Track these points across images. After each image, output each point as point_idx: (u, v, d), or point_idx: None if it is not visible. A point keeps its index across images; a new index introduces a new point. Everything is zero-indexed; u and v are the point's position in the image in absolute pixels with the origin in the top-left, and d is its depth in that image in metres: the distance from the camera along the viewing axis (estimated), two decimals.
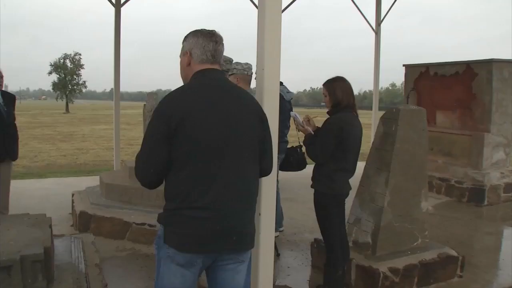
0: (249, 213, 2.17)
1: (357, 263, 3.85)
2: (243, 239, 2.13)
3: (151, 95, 6.15)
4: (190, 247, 2.02)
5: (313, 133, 3.54)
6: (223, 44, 2.22)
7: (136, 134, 21.30)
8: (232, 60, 4.20)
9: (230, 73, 4.23)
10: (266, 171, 2.33)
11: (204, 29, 2.21)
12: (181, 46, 2.26)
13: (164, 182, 2.11)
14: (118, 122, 8.92)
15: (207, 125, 2.00)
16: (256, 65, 2.84)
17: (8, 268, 2.55)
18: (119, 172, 6.45)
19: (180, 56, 2.24)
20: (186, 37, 2.22)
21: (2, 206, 5.07)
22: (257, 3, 2.87)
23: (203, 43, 2.15)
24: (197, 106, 2.01)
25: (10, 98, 5.12)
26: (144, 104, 6.15)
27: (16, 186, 5.35)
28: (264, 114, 2.24)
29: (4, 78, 5.08)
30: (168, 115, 1.97)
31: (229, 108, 2.07)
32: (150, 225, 4.93)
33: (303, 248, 4.94)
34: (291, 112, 3.95)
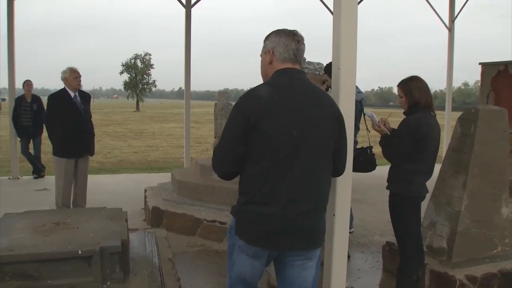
0: (320, 212, 2.22)
1: (431, 269, 3.71)
2: (312, 237, 2.19)
3: (222, 94, 6.24)
4: (258, 241, 2.13)
5: (389, 133, 3.49)
6: (304, 44, 2.27)
7: (204, 133, 21.78)
8: (305, 59, 4.15)
9: None
10: (339, 171, 2.37)
11: (286, 29, 2.27)
12: (262, 45, 2.33)
13: (240, 175, 2.21)
14: (188, 121, 9.18)
15: (283, 124, 2.06)
16: (332, 65, 2.80)
17: (88, 259, 2.66)
18: (191, 169, 6.62)
19: (262, 55, 2.32)
20: (268, 36, 2.29)
21: (80, 199, 5.37)
22: (325, 2, 2.85)
23: (286, 42, 2.21)
24: (275, 105, 2.08)
25: (86, 97, 5.43)
26: (216, 103, 6.26)
27: (91, 180, 5.63)
28: (341, 115, 2.27)
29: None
30: (247, 112, 2.06)
31: (306, 108, 2.12)
32: (220, 223, 5.00)
33: (373, 251, 4.85)
34: (367, 112, 3.90)
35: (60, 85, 5.35)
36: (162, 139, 19.45)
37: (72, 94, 5.23)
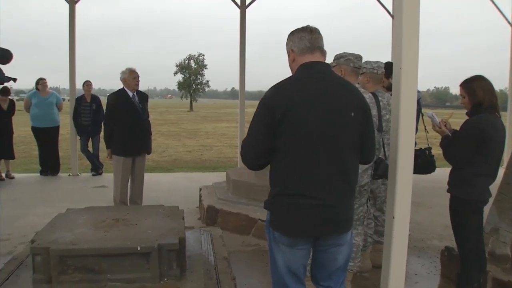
0: (350, 199, 2.32)
1: (494, 277, 3.54)
2: (341, 225, 2.29)
3: None
4: (291, 231, 2.24)
5: (450, 134, 3.40)
6: (319, 33, 2.35)
7: None
8: (362, 57, 4.06)
9: (361, 71, 4.10)
10: (366, 162, 2.46)
11: (298, 28, 2.39)
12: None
13: (269, 169, 2.33)
14: (243, 121, 9.24)
15: (309, 116, 2.15)
16: (393, 64, 2.76)
17: (146, 255, 2.72)
18: (245, 169, 6.61)
19: (288, 58, 2.44)
20: (286, 41, 2.42)
21: (137, 196, 5.51)
22: (382, 1, 2.84)
23: (299, 35, 2.33)
24: (300, 98, 2.17)
25: (144, 97, 5.57)
26: None
27: (147, 178, 5.78)
28: (367, 106, 2.34)
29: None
30: (273, 107, 2.16)
31: (332, 99, 2.21)
32: None
33: (431, 256, 4.71)
34: (427, 112, 3.80)
35: (117, 85, 5.54)
36: (215, 138, 19.69)
37: (130, 94, 5.38)
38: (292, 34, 2.38)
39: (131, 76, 5.36)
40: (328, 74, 2.32)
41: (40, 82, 8.75)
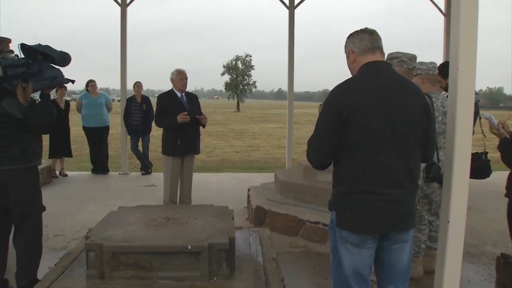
0: (414, 195, 2.38)
1: None
2: (407, 219, 2.34)
3: (327, 95, 6.18)
4: (361, 228, 2.28)
5: (509, 137, 3.30)
6: (378, 34, 2.41)
7: (304, 134, 21.69)
8: (416, 57, 3.96)
9: (414, 73, 3.99)
10: (427, 159, 2.54)
11: (357, 30, 2.46)
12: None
13: (333, 167, 2.41)
14: (291, 121, 9.23)
15: (376, 115, 2.21)
16: (450, 64, 2.70)
17: (197, 254, 2.75)
18: (294, 170, 6.64)
19: (347, 60, 2.50)
20: (345, 44, 2.49)
21: (185, 196, 5.59)
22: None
23: (359, 36, 2.39)
24: (366, 96, 2.23)
25: (193, 98, 5.65)
26: (320, 104, 6.20)
27: (195, 178, 5.84)
28: (428, 105, 2.38)
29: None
30: (339, 106, 2.23)
31: (397, 97, 2.27)
32: (324, 224, 4.94)
33: (485, 262, 4.55)
34: (485, 114, 3.66)
35: (165, 86, 5.65)
36: (262, 139, 19.76)
37: (179, 94, 5.47)
38: (352, 36, 2.44)
39: (178, 77, 5.45)
40: (391, 73, 2.39)
41: (90, 84, 9.02)
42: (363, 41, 2.38)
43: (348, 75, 2.52)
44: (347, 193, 2.31)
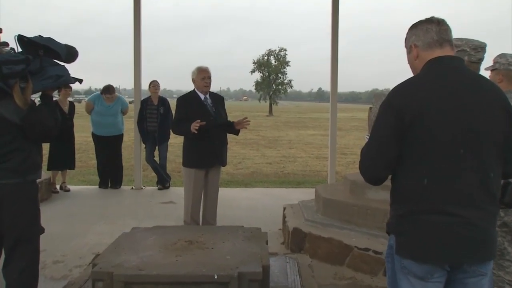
0: (494, 220, 2.29)
1: None
2: (487, 247, 2.24)
3: (379, 96, 6.07)
4: (428, 256, 2.20)
5: None
6: (447, 24, 2.36)
7: (349, 142, 21.58)
8: (486, 46, 3.79)
9: (491, 68, 3.86)
10: (509, 174, 2.40)
11: (421, 20, 2.42)
12: (403, 43, 2.50)
13: (391, 183, 2.35)
14: (334, 127, 9.19)
15: (446, 119, 2.16)
16: None
17: (224, 285, 2.72)
18: (338, 185, 6.58)
19: (408, 58, 2.47)
20: (405, 36, 2.46)
21: (210, 215, 5.60)
22: None
23: (424, 27, 2.36)
24: (433, 98, 2.18)
25: (218, 100, 5.66)
26: (370, 107, 6.16)
27: (222, 194, 5.84)
28: (509, 104, 2.30)
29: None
30: (400, 109, 2.19)
31: (471, 99, 2.20)
32: (375, 252, 4.87)
33: None
34: None
35: (185, 87, 5.67)
36: (300, 148, 19.71)
37: (202, 96, 5.48)
38: (415, 26, 2.40)
39: (199, 76, 5.46)
40: (464, 70, 2.33)
41: (108, 94, 9.18)
42: (429, 33, 2.34)
43: (405, 73, 2.48)
44: (410, 214, 2.24)
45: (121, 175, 9.40)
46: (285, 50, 71.64)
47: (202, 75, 5.47)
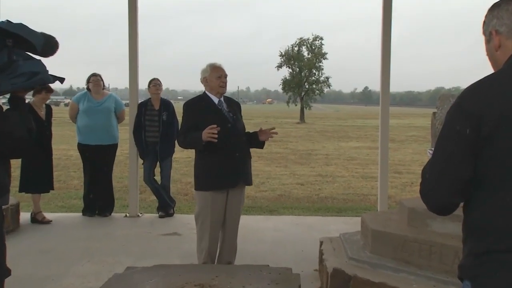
0: None
1: None
2: None
3: (446, 98, 6.00)
4: None
5: None
6: None
7: (405, 157, 21.48)
8: None
9: None
10: None
11: None
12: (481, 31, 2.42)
13: (463, 212, 2.29)
14: (386, 138, 9.08)
15: None
16: None
17: None
18: (392, 214, 6.51)
19: (485, 46, 2.39)
20: (484, 20, 2.38)
21: (228, 250, 5.63)
22: None
23: (509, 8, 2.26)
24: None
25: (235, 104, 5.67)
26: (434, 112, 6.08)
27: (241, 223, 5.82)
28: None
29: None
30: (476, 116, 2.11)
31: None
32: None
33: None
34: None
35: (193, 86, 5.69)
36: (340, 165, 19.68)
37: (215, 100, 5.49)
38: (497, 6, 2.31)
39: (214, 74, 5.47)
40: None
41: (92, 80, 9.14)
42: None
43: (481, 69, 2.42)
44: (490, 253, 2.16)
45: (112, 199, 9.40)
46: (321, 38, 71.64)
47: (217, 73, 5.49)
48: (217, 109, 5.47)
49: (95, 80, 9.17)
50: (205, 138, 5.07)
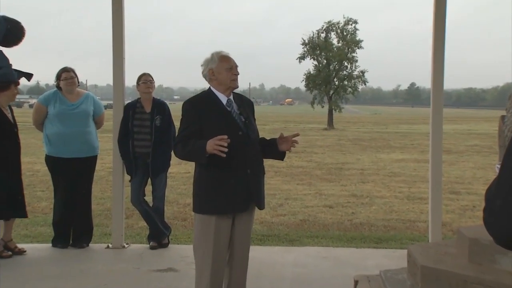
0: None
1: None
2: None
3: None
4: None
5: None
6: None
7: (465, 173, 21.44)
8: None
9: None
10: None
11: None
12: None
13: None
14: (439, 149, 9.03)
15: None
16: None
17: None
18: (448, 246, 6.46)
19: None
20: None
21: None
22: None
23: None
24: None
25: (246, 104, 5.63)
26: (502, 116, 6.04)
27: (252, 255, 5.81)
28: None
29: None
30: None
31: None
32: None
33: None
34: None
35: (192, 82, 5.65)
36: (380, 182, 19.69)
37: (223, 99, 5.47)
38: None
39: (223, 65, 5.44)
40: None
41: (64, 76, 9.03)
42: None
43: None
44: None
45: (91, 226, 9.40)
46: (355, 22, 71.58)
47: (227, 63, 5.46)
48: (225, 111, 5.43)
49: (67, 77, 9.05)
50: (211, 150, 5.02)
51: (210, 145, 5.00)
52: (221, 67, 5.44)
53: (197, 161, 5.41)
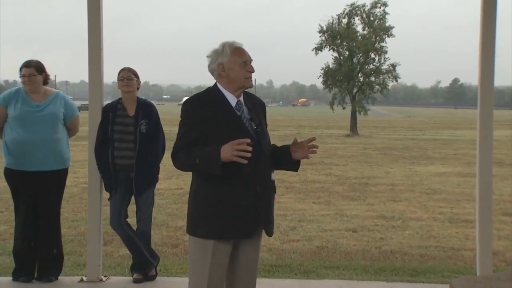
0: None
1: None
2: None
3: None
4: None
5: None
6: None
7: None
8: None
9: None
10: None
11: None
12: None
13: None
14: (489, 161, 8.95)
15: None
16: None
17: None
18: (499, 281, 6.45)
19: None
20: None
21: None
22: None
23: None
24: None
25: (257, 105, 5.62)
26: None
27: None
28: None
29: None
30: None
31: None
32: None
33: None
34: None
35: (185, 79, 5.64)
36: (415, 201, 19.70)
37: (232, 100, 5.47)
38: None
39: (237, 59, 5.42)
40: None
41: (22, 72, 8.86)
42: None
43: None
44: None
45: (60, 255, 9.36)
46: (385, 4, 71.43)
47: (242, 57, 5.45)
48: (234, 115, 5.40)
49: (29, 73, 8.83)
50: (229, 157, 4.95)
51: (226, 151, 4.92)
52: (234, 62, 5.39)
53: (207, 172, 5.21)
